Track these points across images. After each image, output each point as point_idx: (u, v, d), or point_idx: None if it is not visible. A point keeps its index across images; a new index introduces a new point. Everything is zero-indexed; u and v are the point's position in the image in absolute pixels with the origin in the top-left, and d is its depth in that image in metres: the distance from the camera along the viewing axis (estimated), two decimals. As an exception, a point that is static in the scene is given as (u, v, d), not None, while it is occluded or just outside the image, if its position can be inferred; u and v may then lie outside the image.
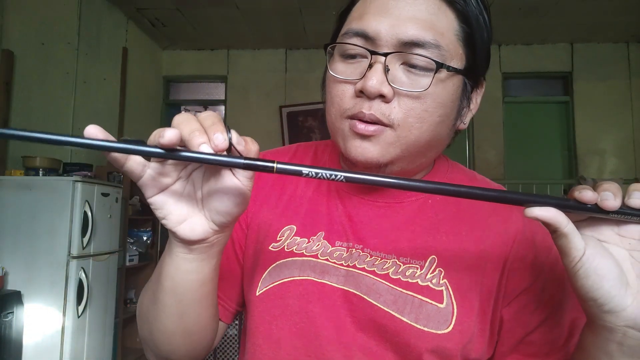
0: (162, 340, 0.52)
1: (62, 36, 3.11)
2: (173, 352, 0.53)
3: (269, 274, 0.57)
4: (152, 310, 0.51)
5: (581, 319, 0.55)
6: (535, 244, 0.56)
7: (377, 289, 0.53)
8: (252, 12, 3.83)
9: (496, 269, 0.55)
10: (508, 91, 4.60)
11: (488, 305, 0.54)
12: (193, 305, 0.49)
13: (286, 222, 0.59)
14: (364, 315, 0.53)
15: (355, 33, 0.51)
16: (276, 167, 0.36)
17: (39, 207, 2.34)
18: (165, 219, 0.41)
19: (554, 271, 0.55)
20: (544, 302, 0.54)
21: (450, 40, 0.51)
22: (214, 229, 0.42)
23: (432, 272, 0.54)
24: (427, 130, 0.51)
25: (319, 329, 0.53)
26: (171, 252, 0.45)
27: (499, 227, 0.56)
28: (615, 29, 4.10)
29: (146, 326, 0.53)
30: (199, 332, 0.53)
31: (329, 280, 0.55)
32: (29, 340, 2.25)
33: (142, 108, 4.29)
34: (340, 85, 0.53)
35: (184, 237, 0.41)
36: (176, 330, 0.51)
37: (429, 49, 0.49)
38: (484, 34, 0.53)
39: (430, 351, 0.51)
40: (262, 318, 0.56)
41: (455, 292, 0.53)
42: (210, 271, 0.47)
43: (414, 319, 0.51)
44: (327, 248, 0.57)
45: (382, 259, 0.55)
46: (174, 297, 0.48)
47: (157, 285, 0.49)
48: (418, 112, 0.50)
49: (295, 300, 0.55)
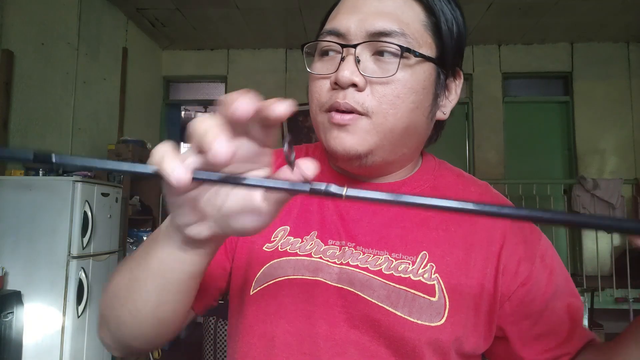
0: (130, 323, 0.48)
1: (62, 36, 3.11)
2: (137, 337, 0.50)
3: (262, 273, 0.58)
4: (127, 291, 0.47)
5: (576, 304, 0.57)
6: (525, 237, 0.58)
7: (370, 285, 0.54)
8: (252, 12, 3.84)
9: (490, 265, 0.56)
10: (508, 91, 4.60)
11: (482, 300, 0.55)
12: (174, 295, 0.46)
13: (280, 223, 0.60)
14: (358, 311, 0.54)
15: (329, 32, 0.55)
16: (345, 194, 0.31)
17: (39, 207, 2.34)
18: (178, 216, 0.37)
19: (544, 261, 0.57)
20: (540, 293, 0.56)
21: (417, 29, 0.54)
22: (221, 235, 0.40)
23: (423, 267, 0.55)
24: (402, 116, 0.54)
25: (314, 327, 0.54)
26: (168, 237, 0.41)
27: (486, 223, 0.58)
28: (615, 28, 4.10)
29: (114, 305, 0.50)
30: (171, 322, 0.50)
31: (323, 278, 0.55)
32: (29, 340, 2.26)
33: (142, 108, 4.29)
34: (318, 82, 0.56)
35: (190, 235, 0.39)
36: (148, 316, 0.47)
37: (395, 37, 0.52)
38: (452, 25, 0.57)
39: (424, 343, 0.52)
40: (256, 317, 0.57)
41: (447, 286, 0.54)
42: (202, 266, 0.44)
43: (407, 313, 0.53)
44: (320, 247, 0.58)
45: (374, 255, 0.56)
46: (158, 281, 0.44)
47: (140, 265, 0.46)
48: (390, 99, 0.53)
49: (289, 298, 0.55)
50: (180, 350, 3.87)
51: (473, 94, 4.53)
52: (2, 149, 0.32)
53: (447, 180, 0.63)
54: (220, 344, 2.40)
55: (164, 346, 3.77)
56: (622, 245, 3.94)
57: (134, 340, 0.51)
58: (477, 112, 4.52)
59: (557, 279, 0.57)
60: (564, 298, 0.57)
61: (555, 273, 0.58)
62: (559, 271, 0.58)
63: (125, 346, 0.52)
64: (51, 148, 2.93)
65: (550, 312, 0.56)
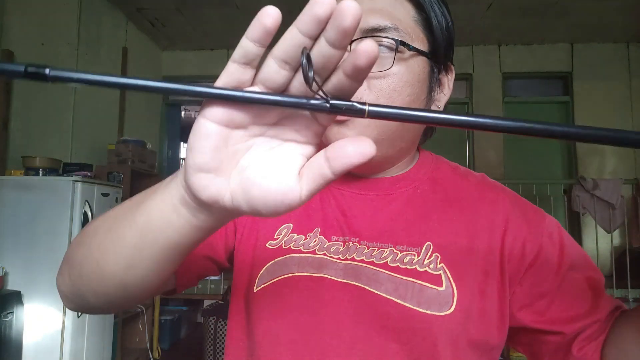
0: (94, 275, 0.43)
1: (62, 36, 3.11)
2: (97, 293, 0.45)
3: (266, 271, 0.57)
4: (102, 239, 0.42)
5: (595, 277, 0.56)
6: (527, 219, 0.58)
7: (377, 278, 0.54)
8: (252, 12, 3.79)
9: (494, 251, 0.56)
10: (508, 91, 4.60)
11: (489, 286, 0.55)
12: (148, 262, 0.40)
13: (283, 221, 0.60)
14: (366, 305, 0.53)
15: None
16: (368, 110, 0.28)
17: (39, 207, 2.34)
18: (193, 154, 0.31)
19: (552, 239, 0.57)
20: (553, 271, 0.56)
21: (409, 24, 0.55)
22: (225, 206, 0.33)
23: (429, 258, 0.55)
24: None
25: (319, 324, 0.54)
26: (166, 189, 0.36)
27: (487, 210, 0.59)
28: (615, 29, 4.10)
29: (83, 251, 0.45)
30: (138, 289, 0.44)
31: (327, 274, 0.55)
32: (29, 340, 2.26)
33: (142, 108, 4.30)
34: None
35: (192, 186, 0.32)
36: (115, 275, 0.42)
37: (389, 32, 0.54)
38: (442, 20, 0.58)
39: (435, 334, 0.52)
40: (260, 314, 0.56)
41: (454, 275, 0.54)
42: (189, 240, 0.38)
43: (416, 304, 0.52)
44: (324, 243, 0.58)
45: (379, 248, 0.56)
46: (136, 240, 0.39)
47: (126, 215, 0.40)
48: (387, 92, 0.54)
49: (294, 296, 0.55)
50: (180, 350, 3.87)
51: (473, 94, 4.54)
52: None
53: (445, 172, 0.64)
54: (220, 344, 2.40)
55: (163, 346, 3.77)
56: (622, 245, 3.94)
57: (93, 297, 0.46)
58: (477, 112, 4.52)
59: (570, 253, 0.57)
60: (583, 271, 0.57)
61: (567, 248, 0.57)
62: (570, 246, 0.58)
63: (82, 299, 0.48)
64: (52, 148, 2.93)
65: (568, 286, 0.55)
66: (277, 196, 0.31)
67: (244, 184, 0.31)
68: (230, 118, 0.31)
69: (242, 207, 0.32)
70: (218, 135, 0.31)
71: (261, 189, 0.31)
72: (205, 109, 0.31)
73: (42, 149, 2.76)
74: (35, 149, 2.62)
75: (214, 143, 0.31)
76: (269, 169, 0.31)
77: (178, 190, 0.35)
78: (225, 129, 0.31)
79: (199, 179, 0.32)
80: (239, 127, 0.32)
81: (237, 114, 0.31)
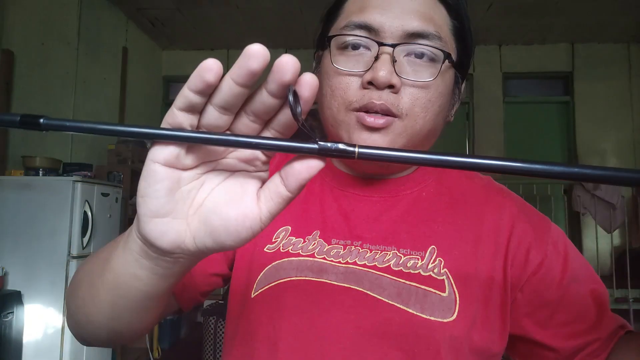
0: (86, 325, 0.46)
1: (62, 36, 3.11)
2: (95, 338, 0.49)
3: (264, 275, 0.56)
4: (84, 293, 0.44)
5: (599, 290, 0.55)
6: (533, 226, 0.57)
7: (380, 284, 0.52)
8: (252, 12, 3.84)
9: (498, 257, 0.55)
10: (508, 91, 4.60)
11: (492, 292, 0.54)
12: (128, 314, 0.41)
13: (280, 223, 0.58)
14: (367, 311, 0.52)
15: (358, 25, 0.52)
16: (358, 152, 0.28)
17: (39, 207, 2.34)
18: (145, 201, 0.30)
19: (557, 248, 0.56)
20: (556, 281, 0.54)
21: (447, 33, 0.53)
22: (188, 248, 0.32)
23: (433, 262, 0.53)
24: (429, 120, 0.53)
25: (319, 330, 0.52)
26: (126, 244, 0.35)
27: (493, 215, 0.57)
28: (615, 29, 4.10)
29: (75, 303, 0.47)
30: (127, 334, 0.47)
31: (327, 279, 0.53)
32: (29, 340, 2.26)
33: (142, 108, 4.29)
34: (343, 78, 0.53)
35: (149, 237, 0.31)
36: (102, 325, 0.44)
37: (432, 40, 0.51)
38: (470, 29, 0.56)
39: (439, 341, 0.50)
40: (258, 320, 0.55)
41: (456, 281, 0.53)
42: (160, 289, 0.37)
43: (419, 309, 0.51)
44: (324, 247, 0.56)
45: (382, 251, 0.54)
46: (110, 296, 0.39)
47: (99, 271, 0.41)
48: (423, 102, 0.52)
49: (293, 301, 0.53)
50: (180, 350, 3.87)
51: (473, 94, 4.53)
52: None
53: (451, 174, 0.62)
54: (220, 344, 2.40)
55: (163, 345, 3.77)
56: (622, 245, 3.94)
57: (94, 340, 0.50)
58: (477, 112, 4.52)
59: (574, 264, 0.55)
60: (586, 284, 0.55)
61: (571, 258, 0.56)
62: (574, 257, 0.56)
63: (87, 341, 0.51)
64: (51, 148, 2.93)
65: (571, 298, 0.54)
66: (238, 221, 0.30)
67: (203, 217, 0.31)
68: (180, 159, 0.30)
69: (207, 243, 0.31)
70: (170, 177, 0.30)
71: (221, 217, 0.31)
72: (154, 153, 0.30)
73: (42, 149, 2.76)
74: (35, 149, 2.62)
75: (167, 185, 0.30)
76: (226, 197, 0.31)
77: (135, 243, 0.34)
78: (176, 170, 0.30)
79: (154, 226, 0.30)
80: (190, 167, 0.31)
81: (189, 155, 0.30)
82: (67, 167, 2.77)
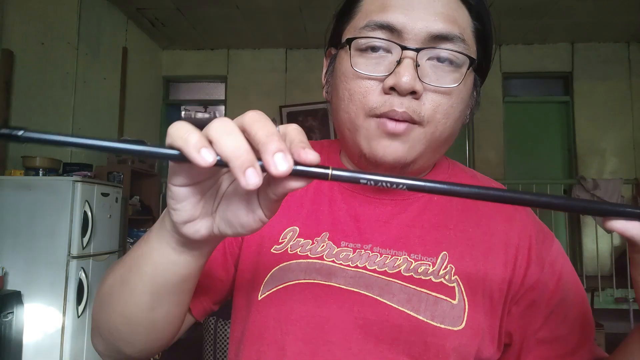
0: (123, 328, 0.47)
1: (62, 36, 3.11)
2: (130, 343, 0.49)
3: (271, 277, 0.54)
4: (118, 295, 0.46)
5: (588, 316, 0.55)
6: (538, 242, 0.56)
7: (390, 289, 0.51)
8: (252, 12, 3.83)
9: (506, 268, 0.54)
10: (508, 91, 4.60)
11: (496, 303, 0.53)
12: (168, 298, 0.45)
13: (288, 224, 0.57)
14: (376, 316, 0.50)
15: (380, 25, 0.49)
16: (331, 174, 0.31)
17: (39, 207, 2.34)
18: (177, 213, 0.36)
19: (553, 268, 0.55)
20: (547, 298, 0.54)
21: (469, 36, 0.51)
22: (215, 235, 0.38)
23: (444, 269, 0.52)
24: (450, 126, 0.52)
25: (327, 334, 0.51)
26: (161, 238, 0.41)
27: (504, 226, 0.56)
28: (615, 28, 4.10)
29: (106, 310, 0.48)
30: (165, 326, 0.48)
31: (336, 283, 0.52)
32: (29, 340, 2.25)
33: (142, 108, 4.29)
34: (362, 81, 0.50)
35: (186, 235, 0.37)
36: (141, 321, 0.46)
37: (457, 43, 0.49)
38: (492, 32, 0.54)
39: (449, 349, 0.49)
40: (264, 323, 0.53)
41: (466, 289, 0.52)
42: (196, 268, 0.43)
43: (429, 317, 0.50)
44: (333, 249, 0.54)
45: (392, 256, 0.53)
46: (150, 286, 0.43)
47: (132, 268, 0.44)
48: (445, 108, 0.50)
49: (301, 304, 0.52)
50: (180, 350, 3.87)
51: (473, 94, 4.53)
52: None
53: (462, 179, 0.61)
54: (220, 344, 2.40)
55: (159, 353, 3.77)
56: (622, 245, 3.94)
57: (128, 347, 0.49)
58: (477, 112, 4.50)
59: (566, 286, 0.55)
60: (576, 307, 0.54)
61: (564, 280, 0.55)
62: (567, 278, 0.55)
63: (118, 353, 0.50)
64: (52, 148, 2.92)
65: (557, 319, 0.53)
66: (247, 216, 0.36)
67: (221, 212, 0.37)
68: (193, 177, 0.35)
69: (227, 232, 0.38)
70: (192, 194, 0.36)
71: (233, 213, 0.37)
72: (172, 178, 0.35)
73: (42, 149, 2.76)
74: (35, 148, 2.62)
75: (193, 200, 0.36)
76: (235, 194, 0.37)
77: (172, 237, 0.40)
78: (197, 186, 0.36)
79: (188, 228, 0.37)
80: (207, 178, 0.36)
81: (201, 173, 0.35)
82: (67, 167, 2.77)
